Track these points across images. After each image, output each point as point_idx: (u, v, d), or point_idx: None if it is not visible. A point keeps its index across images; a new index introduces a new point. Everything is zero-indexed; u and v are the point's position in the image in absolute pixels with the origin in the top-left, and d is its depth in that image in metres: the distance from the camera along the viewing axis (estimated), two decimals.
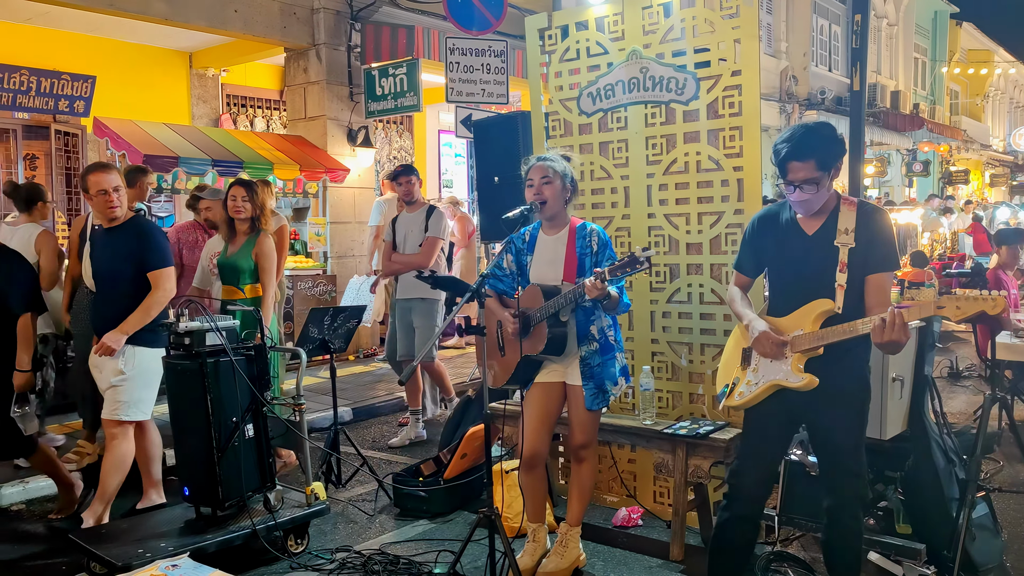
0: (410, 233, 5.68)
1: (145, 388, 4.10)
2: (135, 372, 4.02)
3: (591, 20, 4.37)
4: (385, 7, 9.09)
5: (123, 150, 7.35)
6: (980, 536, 3.57)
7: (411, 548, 3.95)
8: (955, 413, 6.51)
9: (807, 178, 2.78)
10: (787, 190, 2.86)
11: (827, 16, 19.41)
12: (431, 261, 5.57)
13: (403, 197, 5.82)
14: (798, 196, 2.83)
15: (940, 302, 2.64)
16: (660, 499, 4.31)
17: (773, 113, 16.85)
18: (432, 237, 5.60)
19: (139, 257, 4.04)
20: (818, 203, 2.86)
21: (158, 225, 4.37)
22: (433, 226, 5.63)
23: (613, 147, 4.35)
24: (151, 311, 4.01)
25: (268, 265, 4.65)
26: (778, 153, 2.85)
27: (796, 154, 2.79)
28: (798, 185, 2.80)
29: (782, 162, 2.82)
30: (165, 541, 3.55)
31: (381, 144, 11.54)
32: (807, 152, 2.78)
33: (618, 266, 3.12)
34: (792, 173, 2.80)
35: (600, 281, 3.15)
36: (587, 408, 3.47)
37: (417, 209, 5.75)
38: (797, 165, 2.79)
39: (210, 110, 10.33)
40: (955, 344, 9.49)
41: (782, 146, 2.84)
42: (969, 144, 27.11)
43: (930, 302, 2.66)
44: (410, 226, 5.70)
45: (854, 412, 2.92)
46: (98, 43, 9.17)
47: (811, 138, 2.81)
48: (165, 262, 4.09)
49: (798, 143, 2.80)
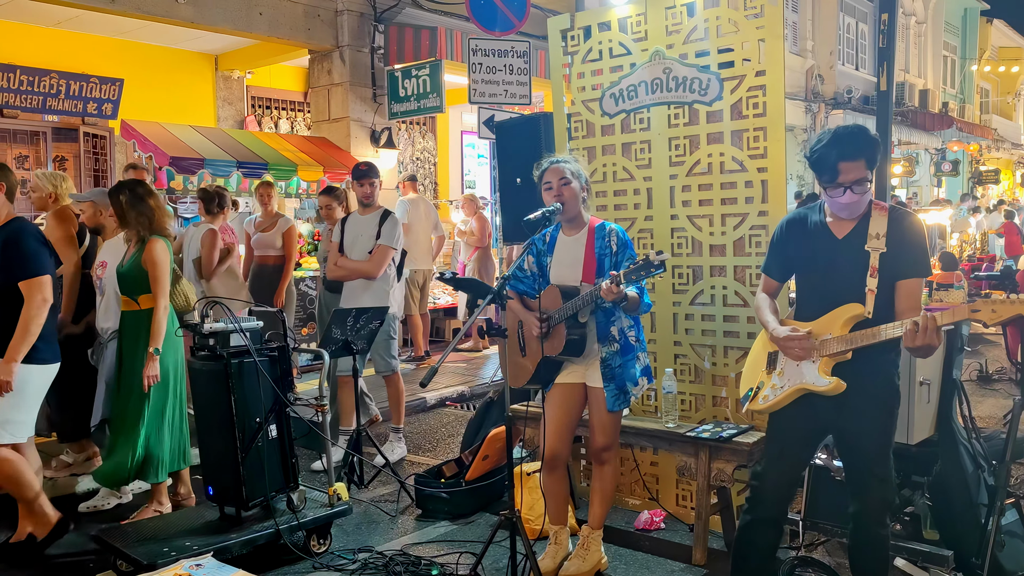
0: (360, 237, 5.22)
1: (15, 409, 3.69)
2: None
3: (614, 21, 4.35)
4: (408, 8, 9.13)
5: (150, 152, 7.44)
6: (1010, 543, 3.50)
7: (433, 549, 3.96)
8: (984, 417, 6.41)
9: (858, 178, 2.75)
10: (834, 193, 2.80)
11: (854, 14, 19.20)
12: (380, 272, 5.15)
13: (361, 199, 5.29)
14: (849, 198, 2.78)
15: (975, 305, 2.60)
16: (683, 502, 4.28)
17: (799, 113, 16.70)
18: (384, 246, 5.15)
19: (6, 267, 3.68)
20: (864, 204, 2.83)
21: (34, 229, 3.84)
22: (386, 233, 5.17)
23: (636, 148, 4.33)
24: (30, 329, 3.61)
25: (157, 274, 4.07)
26: (824, 156, 2.78)
27: (848, 154, 2.74)
28: (849, 186, 2.76)
29: (833, 164, 2.76)
30: (190, 540, 3.58)
31: (404, 145, 11.58)
32: (858, 152, 2.75)
33: (632, 269, 3.12)
34: (844, 174, 2.75)
35: (615, 284, 3.14)
36: (608, 410, 3.46)
37: (371, 212, 5.28)
38: (849, 166, 2.74)
39: (235, 112, 10.43)
40: (985, 347, 9.33)
41: (829, 148, 2.77)
42: (1000, 143, 26.69)
43: (964, 306, 2.62)
44: (361, 229, 5.24)
45: (882, 417, 2.88)
46: (126, 46, 9.30)
47: (859, 138, 2.78)
48: (36, 270, 3.68)
49: (849, 143, 2.76)
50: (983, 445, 3.75)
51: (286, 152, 8.35)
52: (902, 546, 3.43)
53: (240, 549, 3.62)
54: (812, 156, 2.83)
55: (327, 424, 4.01)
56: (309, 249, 9.09)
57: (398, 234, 5.24)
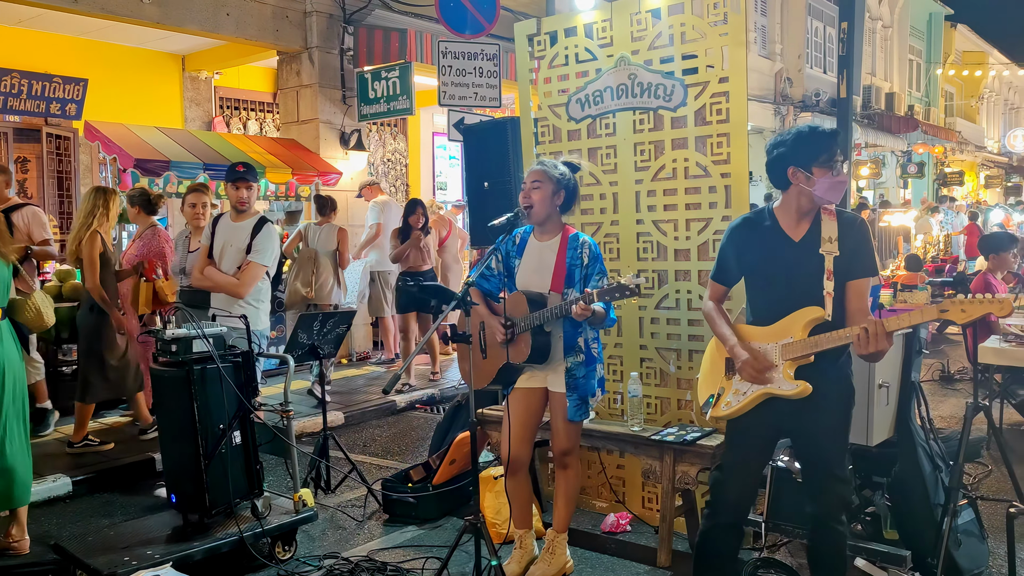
0: (229, 246, 4.64)
1: None
2: None
3: (580, 26, 4.37)
4: (378, 10, 9.09)
5: (114, 154, 7.34)
6: (966, 542, 3.58)
7: (399, 555, 3.95)
8: (946, 417, 6.53)
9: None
10: (834, 171, 2.84)
11: (821, 18, 19.44)
12: (247, 292, 4.54)
13: (236, 204, 4.66)
14: (842, 176, 2.86)
15: (944, 305, 2.64)
16: (648, 505, 4.31)
17: (768, 115, 16.86)
18: (254, 265, 4.53)
19: None
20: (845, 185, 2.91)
21: None
22: (259, 248, 4.54)
23: (602, 153, 4.36)
24: None
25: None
26: (821, 140, 2.86)
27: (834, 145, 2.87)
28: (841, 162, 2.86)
29: (831, 148, 2.84)
30: (151, 549, 3.54)
31: (375, 147, 11.53)
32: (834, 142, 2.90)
33: (606, 291, 3.14)
34: (836, 159, 2.85)
35: (587, 303, 3.16)
36: (569, 419, 3.48)
37: (245, 219, 4.65)
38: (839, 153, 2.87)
39: (203, 113, 10.33)
40: (947, 347, 9.50)
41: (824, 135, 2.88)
42: (964, 146, 27.14)
43: (933, 306, 2.67)
44: (231, 237, 4.64)
45: (840, 418, 2.94)
46: (90, 46, 9.17)
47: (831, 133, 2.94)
48: None
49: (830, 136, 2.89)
50: (941, 446, 3.82)
51: (254, 154, 8.28)
52: (861, 546, 3.48)
53: (203, 557, 3.58)
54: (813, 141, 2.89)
55: (292, 430, 3.99)
56: None
57: (271, 248, 4.60)
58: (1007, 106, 35.00)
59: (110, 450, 5.45)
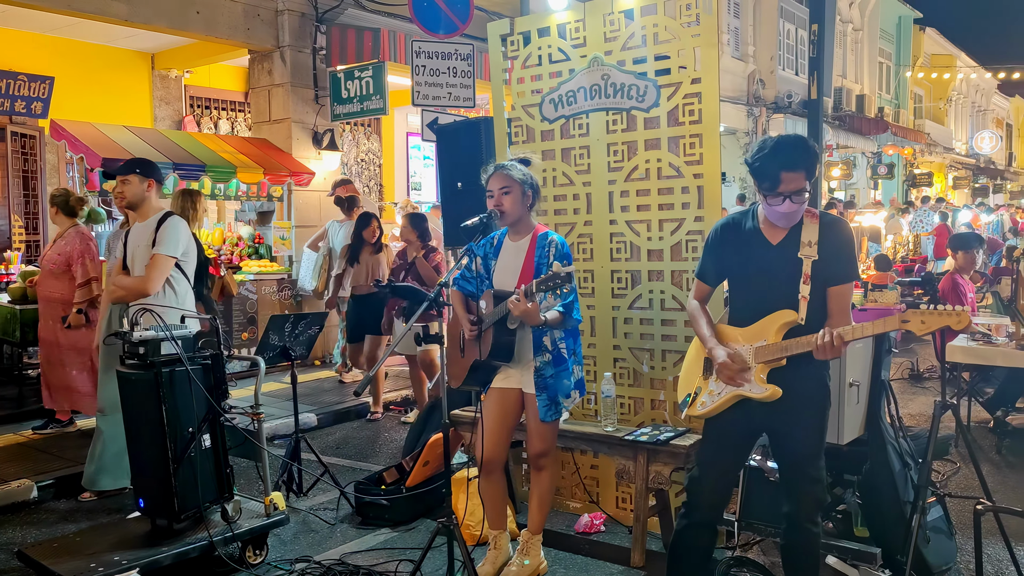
0: (137, 248, 4.31)
1: None
2: None
3: (553, 26, 4.37)
4: (351, 9, 9.03)
5: (81, 153, 7.22)
6: (934, 539, 3.62)
7: (372, 557, 3.92)
8: (915, 415, 6.61)
9: (798, 188, 2.79)
10: (773, 202, 2.82)
11: (793, 21, 19.63)
12: (155, 287, 4.16)
13: (119, 204, 4.37)
14: (788, 207, 2.81)
15: (905, 316, 2.68)
16: (622, 505, 4.32)
17: (741, 116, 17.00)
18: (159, 257, 4.15)
19: None
20: (801, 213, 2.87)
21: None
22: (163, 239, 4.19)
23: (575, 153, 4.35)
24: None
25: None
26: (766, 165, 2.80)
27: (791, 164, 2.77)
28: (788, 196, 2.79)
29: (775, 173, 2.78)
30: (119, 555, 3.48)
31: (348, 147, 11.46)
32: (799, 163, 2.78)
33: (542, 281, 3.16)
34: (785, 184, 2.78)
35: (525, 296, 3.16)
36: (540, 419, 3.47)
37: (148, 219, 4.31)
38: (791, 176, 2.77)
39: (173, 112, 10.20)
40: (917, 345, 9.62)
41: (770, 158, 2.79)
42: (932, 147, 27.56)
43: (895, 317, 2.71)
44: (138, 240, 4.31)
45: (815, 419, 2.95)
46: (57, 43, 9.01)
47: (801, 150, 2.80)
48: None
49: (790, 154, 2.78)
50: (910, 444, 3.86)
51: (225, 154, 8.19)
52: (833, 544, 3.51)
53: (172, 562, 3.53)
54: (753, 164, 2.85)
55: (263, 432, 3.94)
56: (249, 252, 8.93)
57: (175, 239, 4.22)
58: (974, 108, 35.58)
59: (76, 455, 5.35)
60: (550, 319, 3.32)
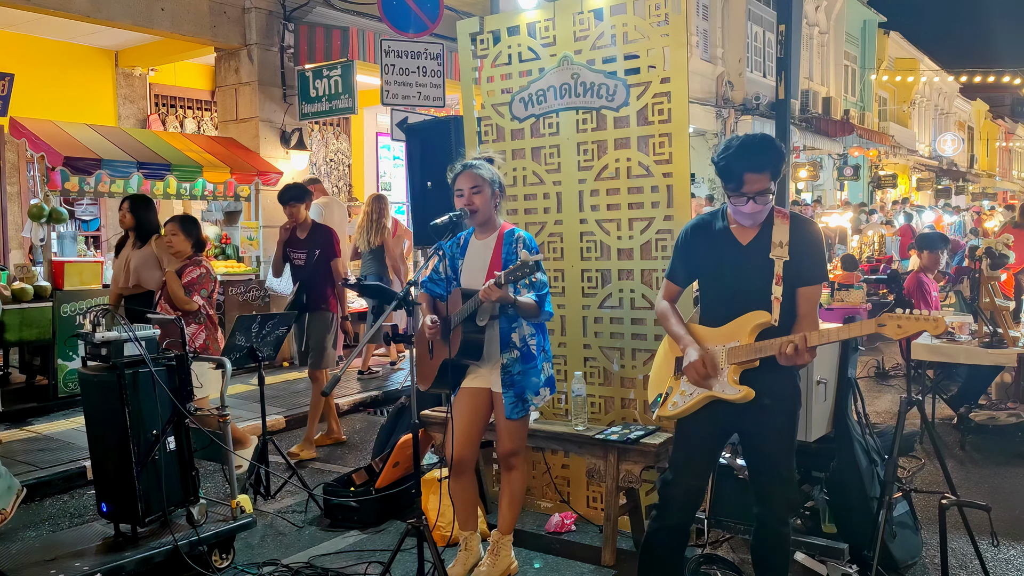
0: None
1: None
2: None
3: (523, 25, 4.36)
4: (319, 7, 8.94)
5: (42, 151, 7.06)
6: (901, 534, 3.67)
7: (341, 560, 3.87)
8: (881, 412, 6.70)
9: (762, 189, 2.79)
10: (737, 202, 2.83)
11: (761, 23, 19.83)
12: None
13: None
14: (751, 208, 2.82)
15: (882, 320, 2.68)
16: (593, 504, 4.31)
17: (710, 118, 17.13)
18: None
19: None
20: (766, 212, 2.88)
21: None
22: None
23: (545, 152, 4.35)
24: None
25: None
26: (730, 165, 2.80)
27: (754, 165, 2.77)
28: (752, 197, 2.79)
29: (738, 173, 2.78)
30: (81, 561, 3.40)
31: (317, 147, 11.36)
32: (764, 163, 2.78)
33: (511, 271, 3.15)
34: (748, 185, 2.78)
35: (496, 285, 3.15)
36: (506, 417, 3.46)
37: None
38: (754, 177, 2.77)
39: (137, 111, 10.04)
40: (883, 343, 9.75)
41: (735, 158, 2.79)
42: (896, 149, 27.99)
43: (871, 321, 2.71)
44: None
45: (786, 419, 2.95)
46: (17, 39, 8.82)
47: (766, 150, 2.80)
48: None
49: (755, 155, 2.78)
50: (876, 440, 3.90)
51: (191, 153, 8.06)
52: (801, 540, 3.53)
53: (136, 568, 3.46)
54: (719, 164, 2.85)
55: (229, 434, 3.88)
56: (216, 252, 8.81)
57: None
58: (937, 111, 36.22)
59: (38, 459, 5.23)
60: (524, 302, 3.30)
